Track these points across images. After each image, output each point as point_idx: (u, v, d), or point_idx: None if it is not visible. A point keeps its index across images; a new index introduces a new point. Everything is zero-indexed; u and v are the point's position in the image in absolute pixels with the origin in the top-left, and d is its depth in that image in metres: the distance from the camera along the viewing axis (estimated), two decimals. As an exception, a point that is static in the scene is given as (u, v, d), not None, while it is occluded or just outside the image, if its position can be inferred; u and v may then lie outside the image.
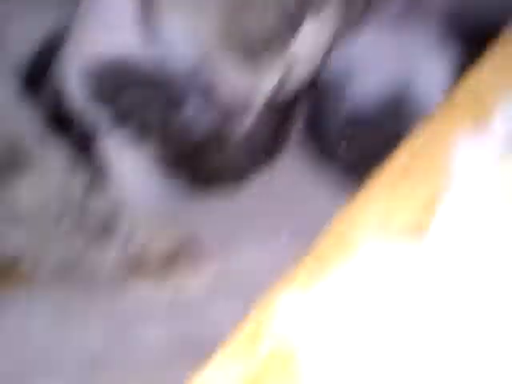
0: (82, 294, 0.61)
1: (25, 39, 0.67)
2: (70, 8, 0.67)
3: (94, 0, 0.65)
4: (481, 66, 0.51)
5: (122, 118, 0.66)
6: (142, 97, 0.65)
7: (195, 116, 0.66)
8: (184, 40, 0.63)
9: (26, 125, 0.63)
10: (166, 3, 0.61)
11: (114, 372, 0.59)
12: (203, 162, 0.69)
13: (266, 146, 0.70)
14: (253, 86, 0.64)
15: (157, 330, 0.61)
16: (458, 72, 0.62)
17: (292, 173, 0.71)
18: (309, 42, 0.63)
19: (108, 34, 0.65)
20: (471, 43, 0.65)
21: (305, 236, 0.62)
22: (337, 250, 0.41)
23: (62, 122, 0.66)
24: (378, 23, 0.69)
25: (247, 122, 0.68)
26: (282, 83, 0.64)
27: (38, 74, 0.66)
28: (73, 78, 0.65)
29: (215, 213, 0.68)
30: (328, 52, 0.65)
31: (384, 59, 0.68)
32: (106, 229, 0.63)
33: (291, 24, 0.61)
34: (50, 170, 0.63)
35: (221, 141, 0.68)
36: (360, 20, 0.66)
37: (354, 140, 0.68)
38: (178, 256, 0.64)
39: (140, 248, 0.64)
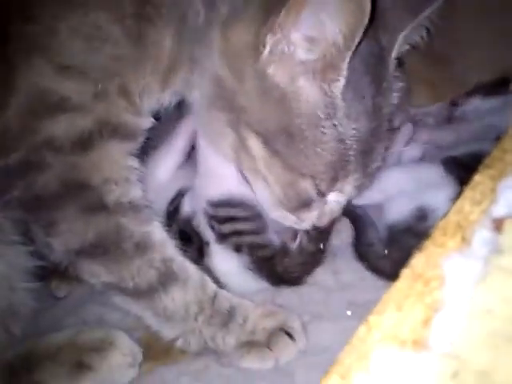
0: (214, 364, 0.84)
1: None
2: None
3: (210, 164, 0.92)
4: (462, 201, 0.60)
5: (224, 237, 0.93)
6: (239, 225, 0.93)
7: (271, 238, 0.94)
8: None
9: (173, 252, 0.84)
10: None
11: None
12: (275, 265, 0.94)
13: (311, 254, 0.95)
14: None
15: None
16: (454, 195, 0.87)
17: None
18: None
19: (218, 181, 0.92)
20: (462, 178, 0.86)
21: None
22: (357, 358, 0.50)
23: (188, 238, 0.93)
24: (402, 165, 0.98)
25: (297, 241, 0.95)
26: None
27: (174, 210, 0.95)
28: (197, 210, 0.94)
29: (295, 300, 0.93)
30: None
31: (407, 189, 0.95)
32: (227, 321, 0.84)
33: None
34: (188, 283, 0.83)
35: (284, 252, 0.94)
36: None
37: (392, 246, 0.93)
38: (275, 336, 0.84)
39: (250, 331, 0.84)
